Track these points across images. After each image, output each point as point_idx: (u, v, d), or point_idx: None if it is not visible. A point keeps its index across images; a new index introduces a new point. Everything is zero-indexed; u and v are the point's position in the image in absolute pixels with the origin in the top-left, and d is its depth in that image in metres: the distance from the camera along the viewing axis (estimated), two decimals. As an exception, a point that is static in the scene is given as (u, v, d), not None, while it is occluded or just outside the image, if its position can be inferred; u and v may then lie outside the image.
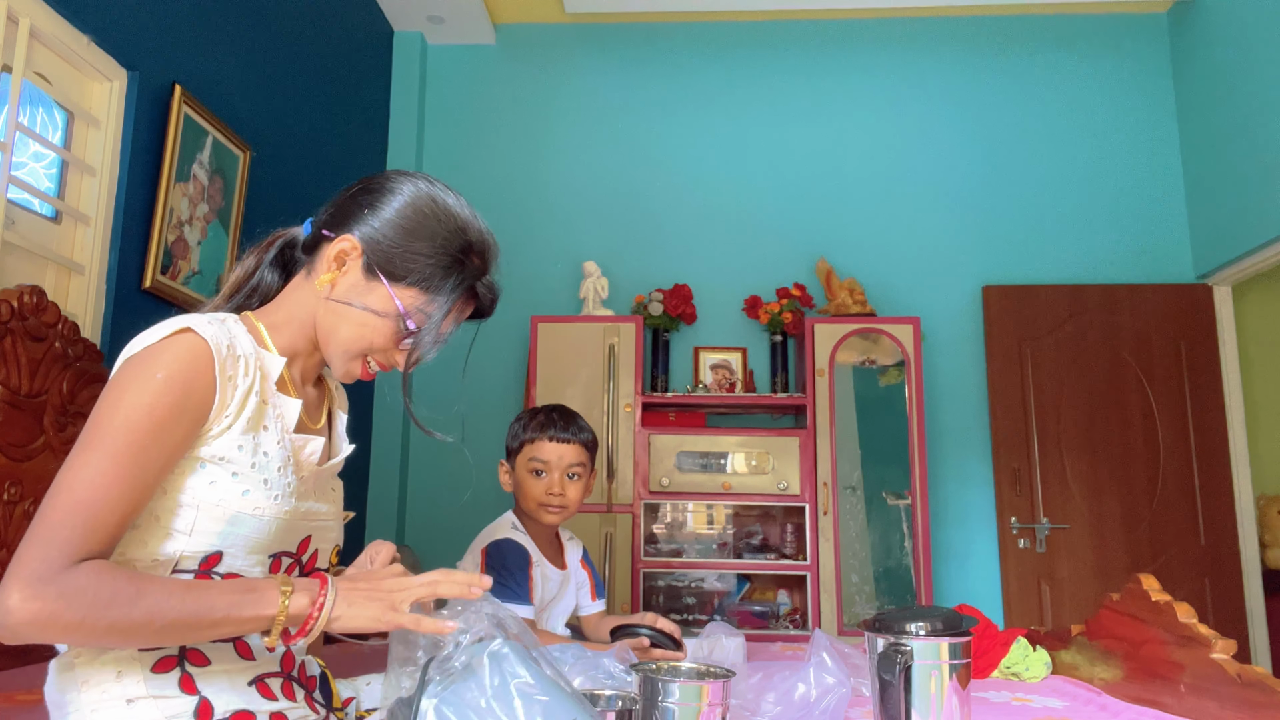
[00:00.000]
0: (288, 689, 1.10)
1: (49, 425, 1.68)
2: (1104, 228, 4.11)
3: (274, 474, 1.06)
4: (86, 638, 0.91)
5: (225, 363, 1.01)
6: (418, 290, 1.11)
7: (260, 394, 1.06)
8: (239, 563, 1.04)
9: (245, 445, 1.03)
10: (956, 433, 3.99)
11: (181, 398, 0.97)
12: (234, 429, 1.03)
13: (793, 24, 4.37)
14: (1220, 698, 1.41)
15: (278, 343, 1.13)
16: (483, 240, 1.16)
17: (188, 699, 1.00)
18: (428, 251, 1.11)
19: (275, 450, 1.07)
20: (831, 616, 3.47)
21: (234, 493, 1.02)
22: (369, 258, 1.11)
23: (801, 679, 1.38)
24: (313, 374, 1.21)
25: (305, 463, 1.12)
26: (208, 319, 1.03)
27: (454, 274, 1.12)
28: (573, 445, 1.92)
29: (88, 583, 0.88)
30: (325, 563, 1.19)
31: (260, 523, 1.04)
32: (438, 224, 1.12)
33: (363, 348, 1.12)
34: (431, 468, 4.05)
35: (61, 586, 0.87)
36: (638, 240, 4.18)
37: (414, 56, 4.33)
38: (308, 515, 1.12)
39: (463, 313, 1.17)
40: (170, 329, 1.01)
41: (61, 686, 1.00)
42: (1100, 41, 4.26)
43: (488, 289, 1.17)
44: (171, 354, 0.98)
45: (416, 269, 1.11)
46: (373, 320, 1.11)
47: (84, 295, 2.26)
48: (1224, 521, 3.78)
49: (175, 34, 2.59)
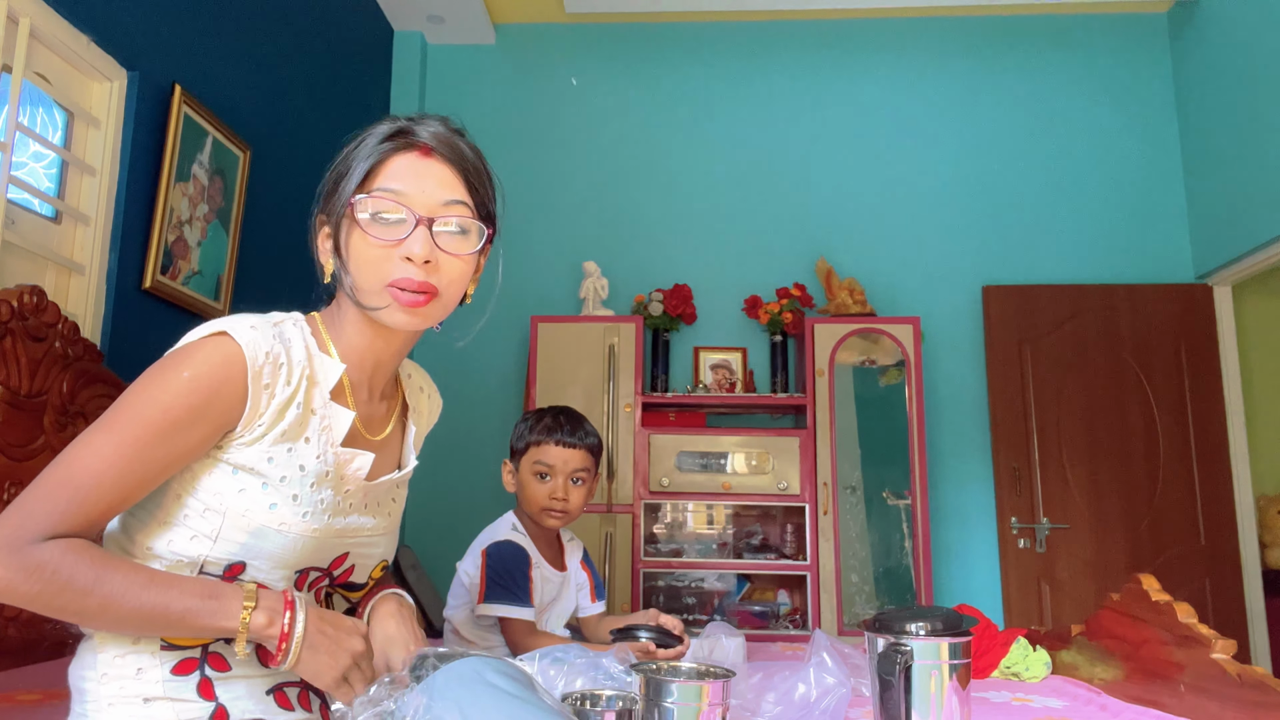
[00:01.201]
0: (304, 699, 1.09)
1: (49, 425, 1.68)
2: (1104, 228, 4.11)
3: (306, 490, 1.02)
4: (44, 612, 0.91)
5: (262, 371, 0.97)
6: (352, 187, 1.04)
7: (304, 404, 1.02)
8: (263, 575, 1.02)
9: (276, 458, 1.00)
10: (956, 433, 3.99)
11: (204, 402, 0.95)
12: (265, 440, 0.99)
13: (792, 24, 4.37)
14: (1220, 698, 1.41)
15: (339, 345, 1.08)
16: (393, 118, 1.08)
17: (204, 704, 1.00)
18: (340, 165, 1.06)
19: (313, 464, 1.03)
20: (831, 616, 3.47)
21: (261, 505, 0.99)
22: (326, 213, 1.07)
23: (802, 679, 1.38)
24: (381, 379, 1.14)
25: (351, 477, 1.07)
26: (253, 323, 0.99)
27: (364, 145, 1.05)
28: (579, 450, 1.91)
29: (50, 560, 0.88)
30: (364, 578, 1.15)
31: (285, 539, 1.01)
32: (351, 141, 1.08)
33: (374, 274, 1.02)
34: (431, 468, 4.04)
35: (25, 559, 0.87)
36: (638, 240, 4.18)
37: (414, 56, 4.33)
38: (344, 532, 1.08)
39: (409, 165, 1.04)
40: (209, 330, 0.98)
41: (84, 674, 1.00)
42: (1100, 41, 4.26)
43: (416, 129, 1.05)
44: (203, 355, 0.96)
45: (333, 180, 1.06)
46: (356, 250, 1.03)
47: (84, 295, 2.26)
48: (1224, 521, 3.78)
49: (175, 34, 2.59)
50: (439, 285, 1.04)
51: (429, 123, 1.07)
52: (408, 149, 1.05)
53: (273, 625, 0.96)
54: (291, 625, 0.96)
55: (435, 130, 1.06)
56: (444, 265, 1.04)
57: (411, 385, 1.25)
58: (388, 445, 1.16)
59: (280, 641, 0.96)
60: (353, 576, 1.13)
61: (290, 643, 0.96)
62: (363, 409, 1.11)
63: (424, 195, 1.03)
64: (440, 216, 1.04)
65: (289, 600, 0.98)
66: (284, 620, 0.96)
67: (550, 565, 1.93)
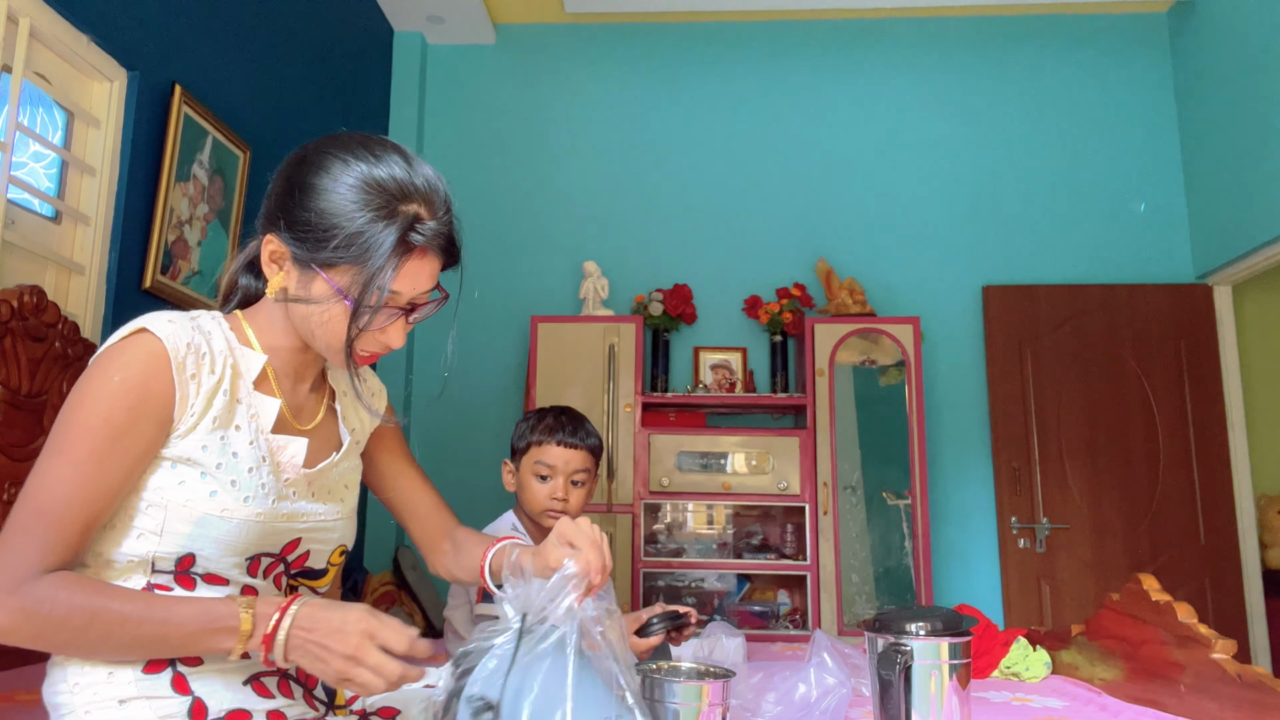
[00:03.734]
0: (284, 687, 1.09)
1: (49, 425, 1.68)
2: (1104, 228, 4.11)
3: (243, 475, 1.04)
4: (48, 650, 0.94)
5: (185, 361, 1.00)
6: (348, 265, 1.01)
7: (231, 392, 1.05)
8: (213, 564, 1.03)
9: (210, 445, 1.02)
10: (956, 433, 3.99)
11: (138, 401, 0.97)
12: (199, 429, 1.02)
13: (792, 24, 4.37)
14: (1220, 698, 1.41)
15: (262, 340, 1.11)
16: (405, 188, 1.03)
17: (181, 699, 1.00)
18: (343, 222, 1.01)
19: (246, 451, 1.05)
20: (831, 616, 3.47)
21: (201, 494, 1.01)
22: (295, 251, 1.04)
23: (802, 679, 1.38)
24: (309, 372, 1.17)
25: (288, 464, 1.10)
26: (170, 317, 1.02)
27: (378, 232, 1.01)
28: (580, 451, 1.91)
29: (44, 599, 0.90)
30: (323, 563, 1.16)
31: (229, 525, 1.02)
32: (350, 190, 1.01)
33: (334, 338, 1.05)
34: (431, 468, 4.03)
35: (22, 600, 0.90)
36: (638, 240, 4.18)
37: (414, 56, 4.33)
38: (292, 517, 1.09)
39: (417, 268, 1.05)
40: (129, 329, 1.00)
41: (56, 689, 1.00)
42: (1100, 41, 4.25)
43: (428, 233, 1.03)
44: (128, 356, 0.98)
45: (335, 243, 1.01)
46: (324, 310, 1.04)
47: (84, 295, 2.26)
48: (1224, 521, 3.78)
49: (175, 34, 2.59)
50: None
51: (438, 215, 1.06)
52: (419, 254, 1.05)
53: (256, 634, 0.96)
54: (275, 628, 0.96)
55: (442, 232, 1.06)
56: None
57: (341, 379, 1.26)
58: (321, 433, 1.18)
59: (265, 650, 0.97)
60: (309, 562, 1.14)
61: (273, 647, 0.96)
62: (289, 398, 1.13)
63: (413, 290, 1.07)
64: (420, 305, 1.09)
65: (282, 606, 0.98)
66: (270, 623, 0.96)
67: (550, 565, 1.92)
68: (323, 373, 1.23)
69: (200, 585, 1.04)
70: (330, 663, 0.95)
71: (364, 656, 0.94)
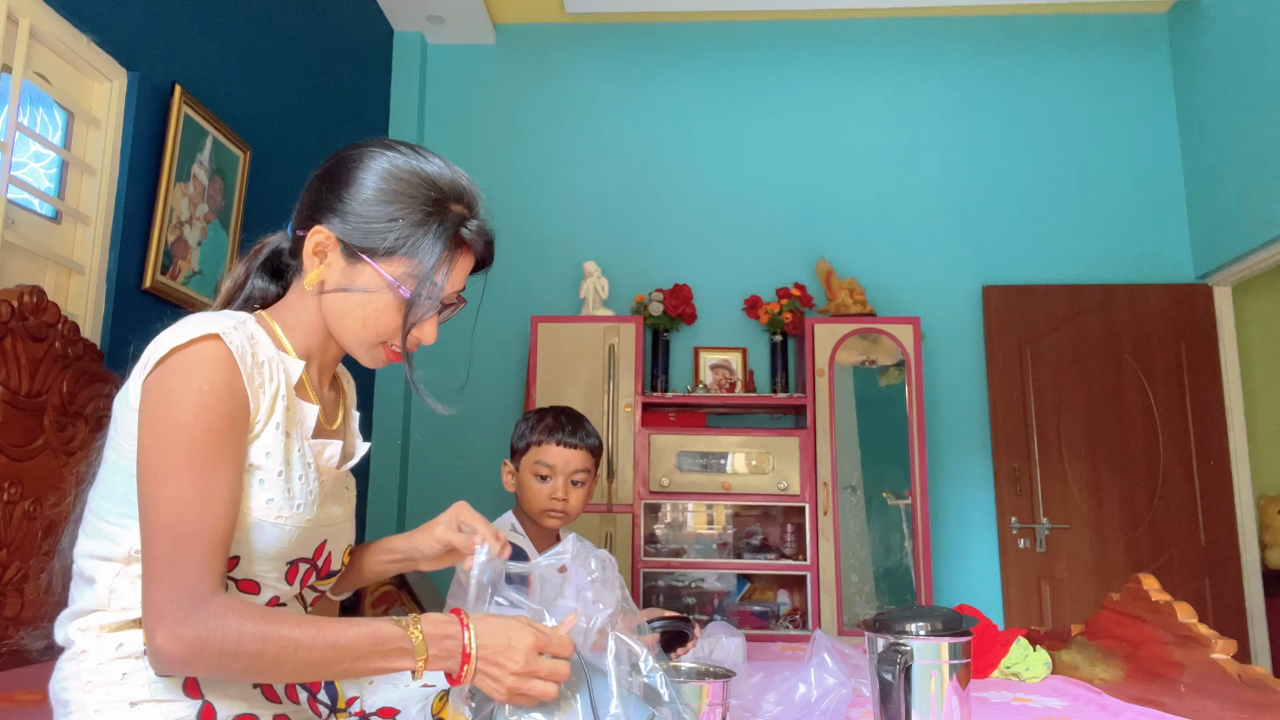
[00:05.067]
0: (291, 690, 1.10)
1: (49, 425, 1.68)
2: (1104, 228, 4.11)
3: (296, 482, 1.05)
4: (224, 678, 0.95)
5: (251, 371, 1.00)
6: (402, 257, 1.06)
7: (286, 398, 1.05)
8: (255, 567, 1.03)
9: (274, 452, 1.03)
10: (956, 433, 3.99)
11: (231, 407, 0.97)
12: (264, 436, 1.02)
13: (792, 24, 4.37)
14: (1220, 698, 1.41)
15: (293, 344, 1.11)
16: (456, 186, 1.10)
17: (191, 703, 1.00)
18: (399, 214, 1.06)
19: (297, 458, 1.06)
20: (831, 616, 3.47)
21: (259, 500, 1.01)
22: (345, 241, 1.07)
23: (802, 679, 1.38)
24: (329, 374, 1.19)
25: (325, 467, 1.11)
26: (231, 324, 1.01)
27: (433, 227, 1.06)
28: (579, 451, 1.91)
29: (216, 628, 0.90)
30: (339, 564, 1.18)
31: (281, 531, 1.03)
32: (403, 184, 1.07)
33: (373, 331, 1.09)
34: (431, 468, 4.04)
35: (195, 630, 0.89)
36: (638, 240, 4.18)
37: (414, 56, 4.33)
38: (324, 521, 1.11)
39: (462, 266, 1.11)
40: (195, 334, 0.98)
41: (67, 685, 1.00)
42: (1100, 41, 4.25)
43: (476, 232, 1.10)
44: (210, 364, 0.97)
45: (394, 234, 1.06)
46: (371, 301, 1.07)
47: (84, 295, 2.26)
48: (1224, 521, 3.78)
49: (175, 34, 2.59)
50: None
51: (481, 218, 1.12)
52: (465, 251, 1.11)
53: (449, 651, 0.97)
54: (467, 648, 0.98)
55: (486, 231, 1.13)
56: None
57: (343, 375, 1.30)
58: (339, 432, 1.20)
59: (462, 664, 0.98)
60: (332, 564, 1.16)
61: (467, 669, 0.98)
62: (320, 402, 1.15)
63: (453, 288, 1.12)
64: (451, 304, 1.13)
65: (460, 624, 0.99)
66: (460, 642, 0.98)
67: (550, 565, 1.92)
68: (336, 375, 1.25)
69: (232, 590, 1.03)
70: (503, 681, 0.98)
71: (536, 669, 0.98)
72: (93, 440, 1.79)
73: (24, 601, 1.61)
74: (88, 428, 1.77)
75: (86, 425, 1.77)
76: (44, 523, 1.65)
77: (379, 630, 0.96)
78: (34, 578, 1.63)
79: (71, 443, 1.73)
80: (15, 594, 1.59)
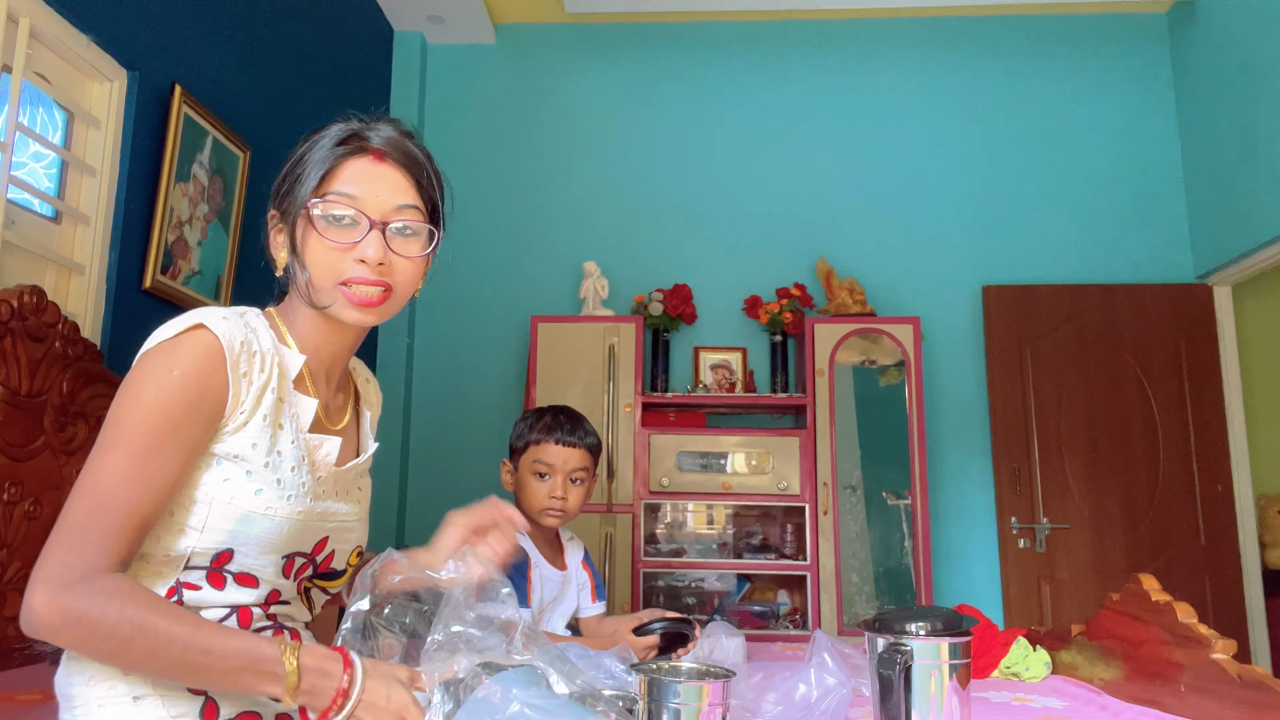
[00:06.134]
0: None
1: (49, 425, 1.68)
2: (1104, 228, 4.11)
3: (287, 473, 1.05)
4: (92, 657, 0.93)
5: (239, 359, 1.01)
6: (307, 189, 1.07)
7: (278, 391, 1.06)
8: (250, 560, 1.04)
9: (260, 443, 1.03)
10: (956, 433, 3.99)
11: (197, 396, 0.98)
12: (249, 426, 1.03)
13: (793, 24, 4.37)
14: (1220, 698, 1.41)
15: (295, 336, 1.12)
16: (348, 117, 1.12)
17: (194, 699, 1.00)
18: (297, 159, 1.10)
19: (289, 449, 1.06)
20: (831, 616, 3.47)
21: (247, 491, 1.02)
22: (279, 211, 1.11)
23: (802, 679, 1.38)
24: (337, 371, 1.19)
25: (322, 463, 1.12)
26: (224, 314, 1.03)
27: (313, 149, 1.09)
28: (578, 450, 1.91)
29: (95, 607, 0.88)
30: (344, 564, 1.18)
31: (272, 522, 1.03)
32: (302, 143, 1.11)
33: (324, 274, 1.07)
34: (431, 468, 4.04)
35: (75, 601, 0.88)
36: (638, 240, 4.18)
37: (414, 56, 4.33)
38: (324, 516, 1.11)
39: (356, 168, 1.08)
40: (185, 324, 1.01)
41: (71, 680, 1.01)
42: (1100, 41, 4.25)
43: (363, 130, 1.10)
44: (186, 350, 0.99)
45: (297, 179, 1.09)
46: (311, 250, 1.07)
47: (84, 295, 2.26)
48: (1224, 521, 3.78)
49: (175, 34, 2.59)
50: (394, 285, 1.09)
51: (381, 127, 1.12)
52: (361, 154, 1.09)
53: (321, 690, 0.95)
54: (345, 694, 0.96)
55: (388, 135, 1.11)
56: (397, 266, 1.09)
57: (359, 376, 1.30)
58: (348, 433, 1.21)
59: (332, 704, 0.95)
60: (334, 562, 1.16)
61: (348, 701, 0.96)
62: (322, 398, 1.15)
63: (377, 199, 1.08)
64: (393, 220, 1.08)
65: (343, 664, 0.97)
66: (336, 685, 0.96)
67: (550, 565, 1.93)
68: (347, 373, 1.25)
69: (230, 585, 1.04)
70: None
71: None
72: (93, 440, 1.79)
73: (24, 601, 1.61)
74: (88, 428, 1.77)
75: (86, 425, 1.77)
76: (44, 523, 1.66)
77: (257, 648, 0.94)
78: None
79: (71, 443, 1.73)
80: (15, 594, 1.59)
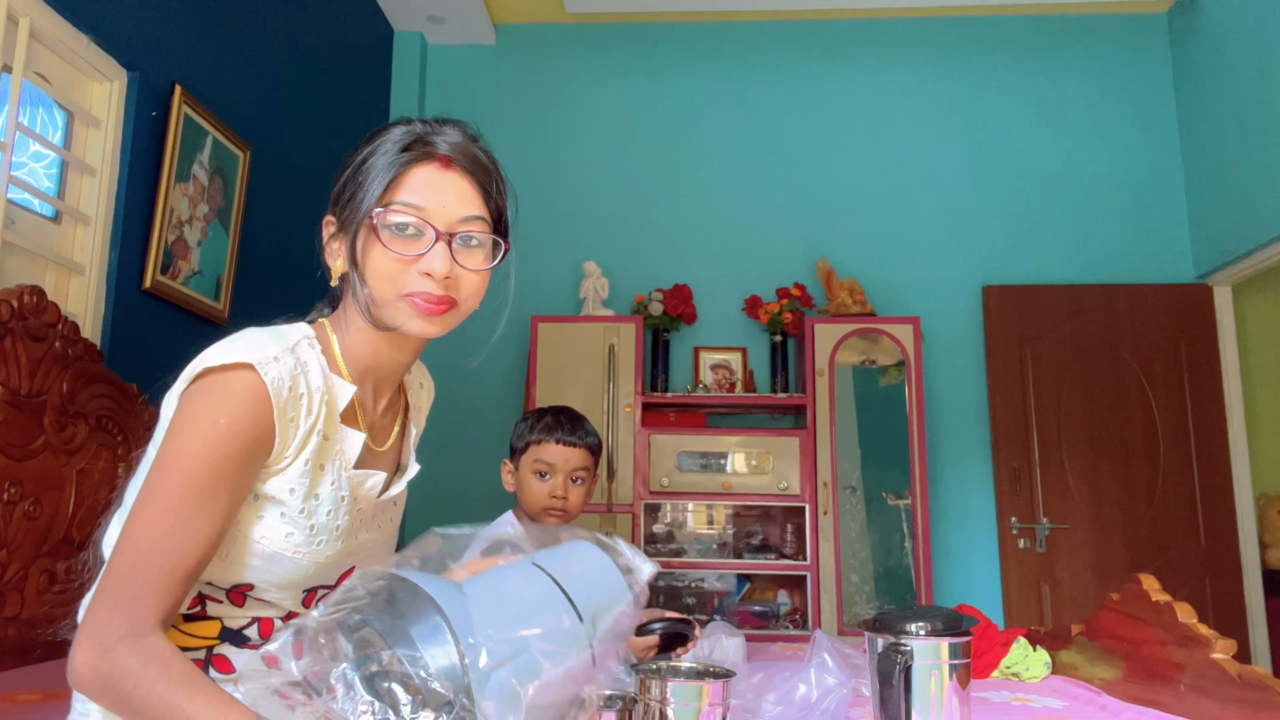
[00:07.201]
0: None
1: (49, 425, 1.68)
2: (1104, 228, 4.11)
3: (323, 518, 1.02)
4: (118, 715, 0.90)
5: (285, 406, 0.96)
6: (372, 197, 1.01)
7: (324, 430, 1.01)
8: (270, 594, 1.02)
9: (298, 489, 1.00)
10: (956, 433, 3.99)
11: (245, 446, 0.94)
12: (290, 470, 0.99)
13: (793, 24, 4.37)
14: (1220, 698, 1.41)
15: (347, 352, 1.06)
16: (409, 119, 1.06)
17: None
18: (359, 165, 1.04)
19: (328, 492, 1.02)
20: (831, 616, 3.47)
21: (278, 532, 0.99)
22: (338, 219, 1.05)
23: (802, 679, 1.38)
24: (388, 389, 1.13)
25: (364, 497, 1.07)
26: (275, 353, 0.97)
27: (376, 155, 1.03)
28: (579, 449, 1.91)
29: (132, 671, 0.85)
30: None
31: (297, 565, 1.01)
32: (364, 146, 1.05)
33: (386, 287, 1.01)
34: (431, 468, 4.03)
35: (112, 664, 0.85)
36: (638, 240, 4.18)
37: (414, 56, 4.33)
38: (353, 551, 1.07)
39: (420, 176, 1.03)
40: (234, 358, 0.95)
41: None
42: (1100, 41, 4.25)
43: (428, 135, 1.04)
44: (235, 398, 0.94)
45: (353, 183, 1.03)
46: (374, 262, 1.01)
47: (84, 295, 2.26)
48: (1224, 521, 3.78)
49: (175, 34, 2.59)
50: (458, 298, 1.05)
51: (447, 131, 1.06)
52: (427, 160, 1.03)
53: None
54: None
55: (455, 140, 1.06)
56: (462, 280, 1.04)
57: (412, 382, 1.24)
58: (390, 455, 1.15)
59: None
60: None
61: None
62: (369, 421, 1.10)
63: (444, 210, 1.02)
64: (459, 232, 1.04)
65: None
66: None
67: (550, 565, 1.92)
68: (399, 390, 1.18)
69: (249, 602, 1.03)
70: None
71: None
72: (93, 440, 1.79)
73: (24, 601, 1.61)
74: (87, 428, 1.77)
75: (86, 425, 1.77)
76: (44, 522, 1.66)
77: None
78: (34, 577, 1.63)
79: (71, 443, 1.73)
80: (15, 594, 1.59)
